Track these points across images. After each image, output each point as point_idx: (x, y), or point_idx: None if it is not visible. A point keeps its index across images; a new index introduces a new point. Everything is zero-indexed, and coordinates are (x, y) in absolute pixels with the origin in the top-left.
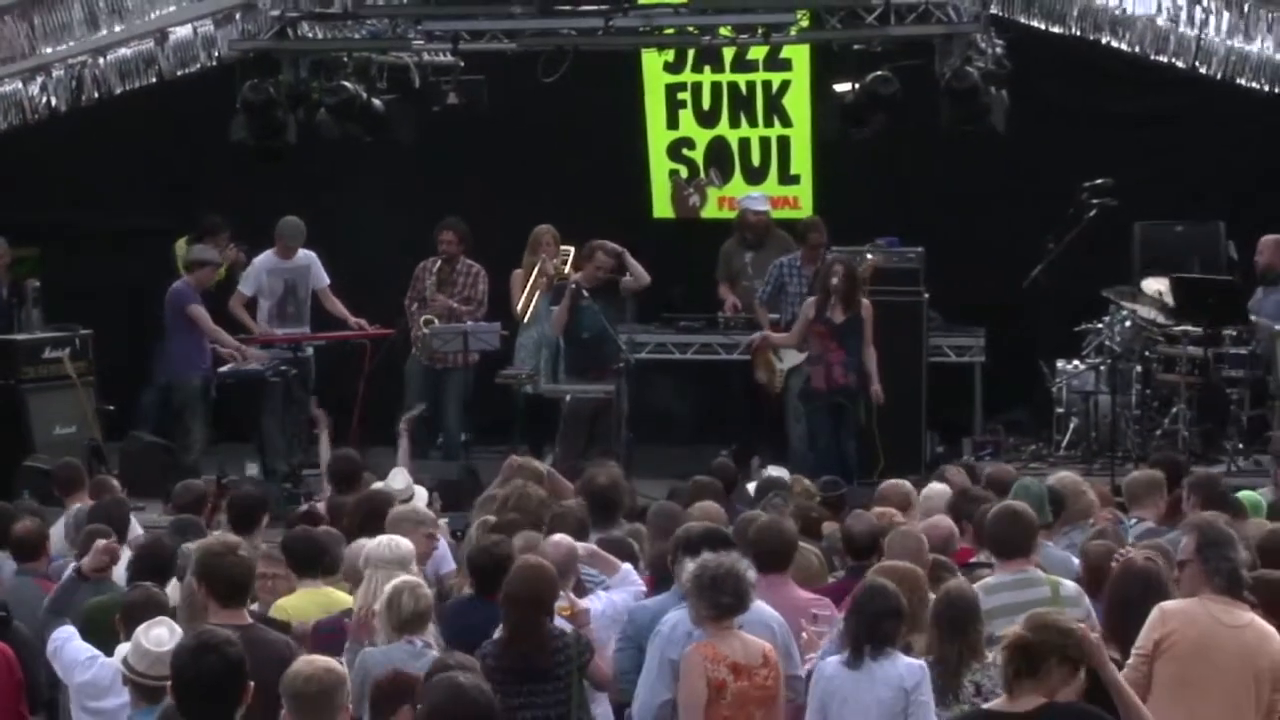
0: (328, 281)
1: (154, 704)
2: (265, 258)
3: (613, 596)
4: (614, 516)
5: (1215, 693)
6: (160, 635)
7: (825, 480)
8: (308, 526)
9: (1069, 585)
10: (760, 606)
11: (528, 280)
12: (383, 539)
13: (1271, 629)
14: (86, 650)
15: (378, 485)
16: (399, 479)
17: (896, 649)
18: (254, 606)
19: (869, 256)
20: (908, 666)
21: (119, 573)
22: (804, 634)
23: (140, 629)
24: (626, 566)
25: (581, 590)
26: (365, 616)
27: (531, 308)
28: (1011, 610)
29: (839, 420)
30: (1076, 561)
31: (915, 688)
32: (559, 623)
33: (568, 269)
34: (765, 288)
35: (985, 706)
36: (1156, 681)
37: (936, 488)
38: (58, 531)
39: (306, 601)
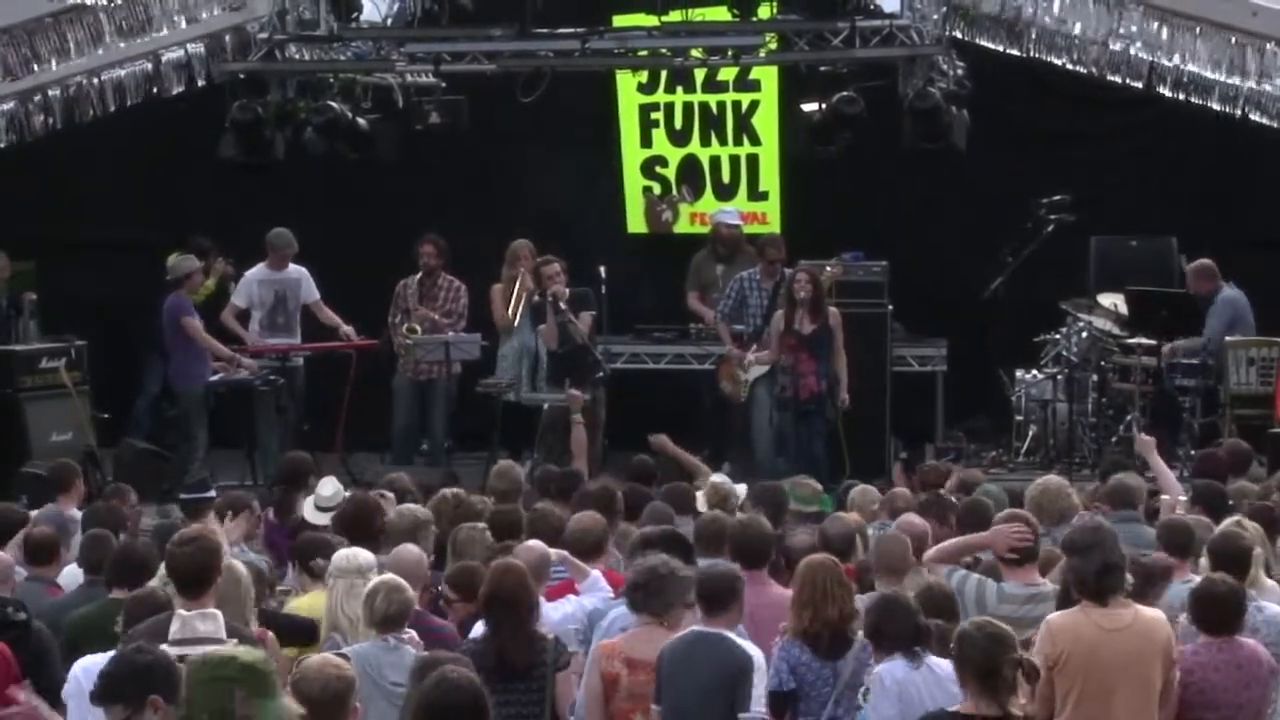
0: (318, 296)
1: None
2: (256, 269)
3: (583, 601)
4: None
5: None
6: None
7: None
8: (312, 532)
9: None
10: None
11: (509, 294)
12: (346, 551)
13: (1155, 617)
14: None
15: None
16: (327, 487)
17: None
18: (272, 604)
19: (828, 268)
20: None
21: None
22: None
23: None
24: (595, 573)
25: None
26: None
27: (517, 319)
28: (1013, 624)
29: (809, 426)
30: None
31: None
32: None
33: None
34: (726, 302)
35: (953, 710)
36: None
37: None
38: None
39: (317, 602)
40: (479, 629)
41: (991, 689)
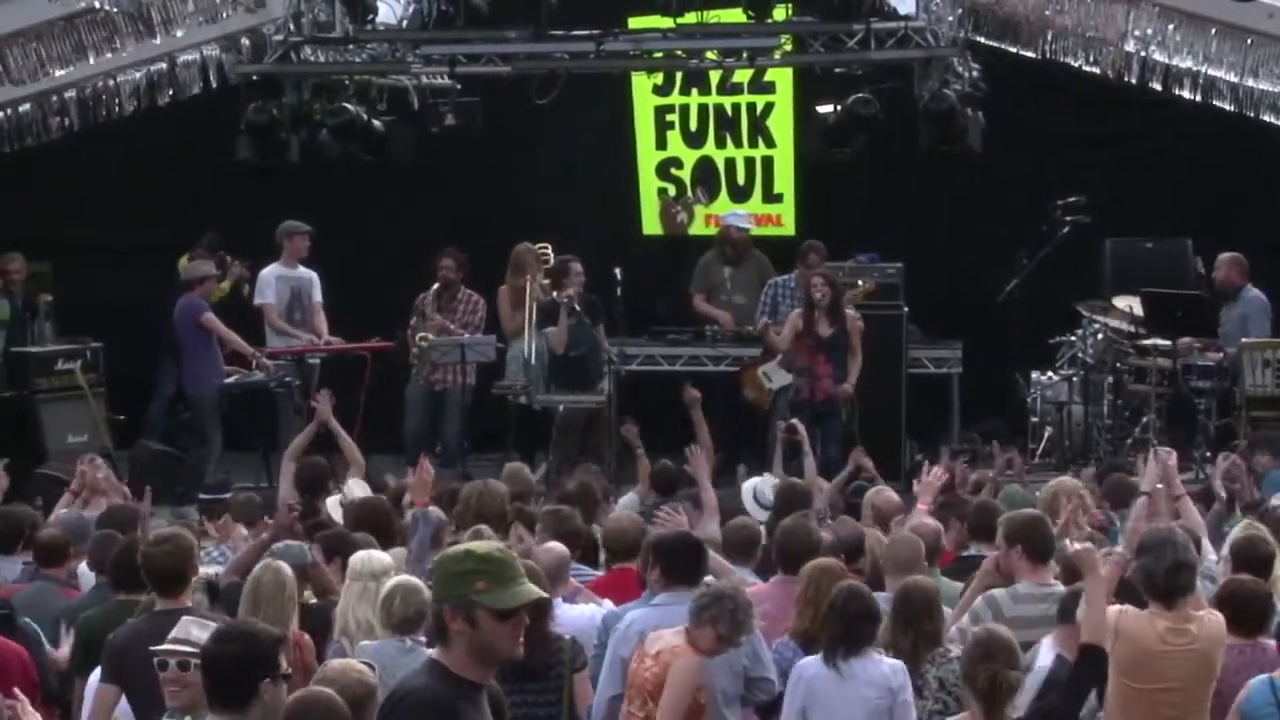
0: (320, 300)
1: None
2: (272, 267)
3: (601, 604)
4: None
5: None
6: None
7: (853, 486)
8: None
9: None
10: None
11: (518, 300)
12: (362, 554)
13: (1216, 633)
14: None
15: (335, 497)
16: (357, 489)
17: (873, 650)
18: (313, 601)
19: (860, 283)
20: (891, 667)
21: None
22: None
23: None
24: None
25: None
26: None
27: (530, 326)
28: (1033, 623)
29: (824, 428)
30: None
31: (900, 688)
32: (558, 625)
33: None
34: (762, 308)
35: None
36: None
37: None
38: None
39: None
40: None
41: (989, 701)
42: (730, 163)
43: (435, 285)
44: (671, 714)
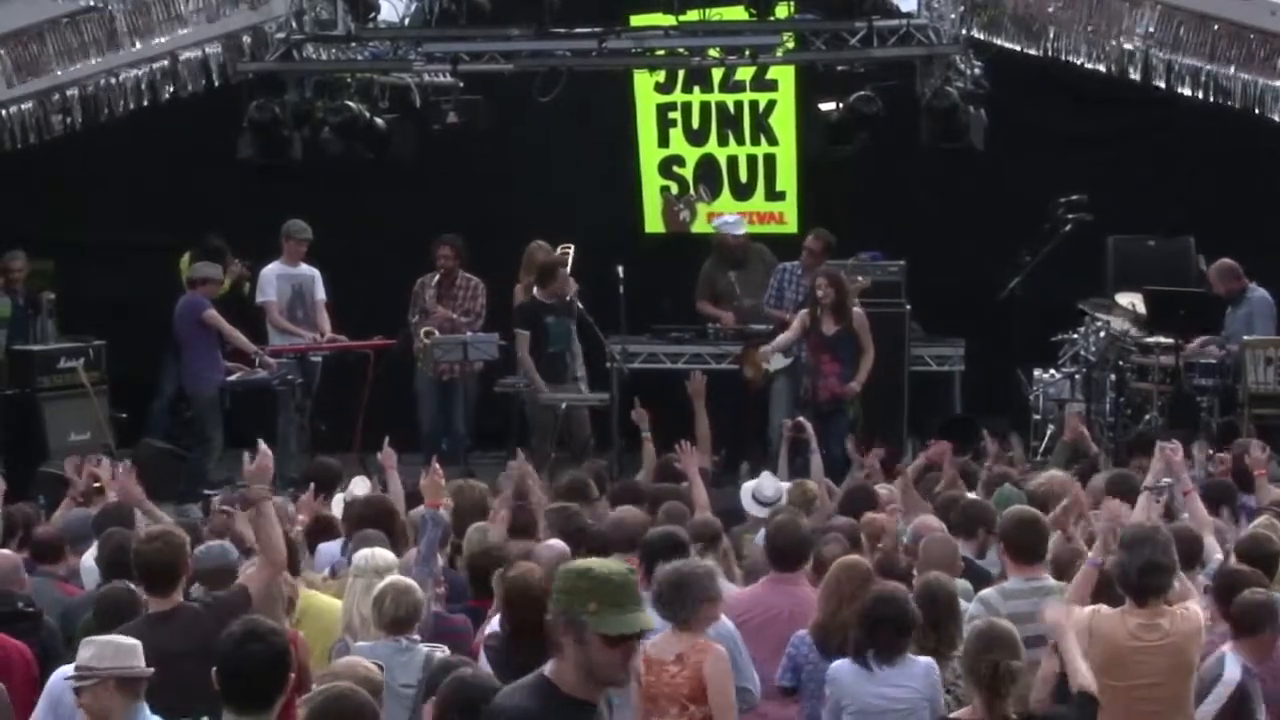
0: (324, 298)
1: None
2: (273, 265)
3: None
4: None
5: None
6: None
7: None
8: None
9: None
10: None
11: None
12: (366, 550)
13: (1191, 628)
14: None
15: (339, 495)
16: (360, 486)
17: (907, 652)
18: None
19: (859, 279)
20: (925, 666)
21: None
22: None
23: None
24: None
25: None
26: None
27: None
28: (1023, 619)
29: (827, 427)
30: None
31: (934, 684)
32: None
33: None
34: (769, 294)
35: (954, 716)
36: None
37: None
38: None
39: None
40: (494, 626)
41: (991, 691)
42: (733, 160)
43: (436, 275)
44: (730, 709)
